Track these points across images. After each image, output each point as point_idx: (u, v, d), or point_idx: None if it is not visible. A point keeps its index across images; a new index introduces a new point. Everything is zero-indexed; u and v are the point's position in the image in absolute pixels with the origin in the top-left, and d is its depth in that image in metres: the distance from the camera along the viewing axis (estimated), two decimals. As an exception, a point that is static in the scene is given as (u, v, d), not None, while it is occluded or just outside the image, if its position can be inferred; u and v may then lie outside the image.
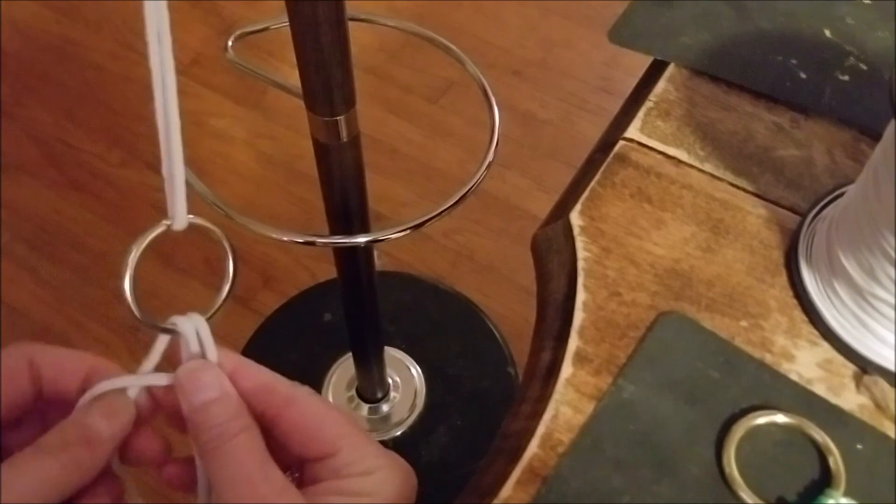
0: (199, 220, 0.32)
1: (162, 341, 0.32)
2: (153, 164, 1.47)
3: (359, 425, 0.32)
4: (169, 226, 0.31)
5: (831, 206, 0.47)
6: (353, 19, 0.62)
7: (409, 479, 0.31)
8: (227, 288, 0.33)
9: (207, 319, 0.32)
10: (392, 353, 1.26)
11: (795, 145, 0.51)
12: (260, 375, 0.32)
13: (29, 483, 0.28)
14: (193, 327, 0.31)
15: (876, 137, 0.50)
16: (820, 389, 0.41)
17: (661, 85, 0.54)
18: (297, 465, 0.33)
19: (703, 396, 0.41)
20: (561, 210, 0.50)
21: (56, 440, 0.30)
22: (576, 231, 0.47)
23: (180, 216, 0.31)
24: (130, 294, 0.31)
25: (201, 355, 0.31)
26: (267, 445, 0.32)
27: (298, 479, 0.32)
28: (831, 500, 0.37)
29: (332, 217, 0.80)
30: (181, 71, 1.64)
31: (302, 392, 0.32)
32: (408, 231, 0.75)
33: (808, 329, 0.43)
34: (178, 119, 0.29)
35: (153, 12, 0.27)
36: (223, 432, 0.30)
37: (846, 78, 0.53)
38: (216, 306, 0.33)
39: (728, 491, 0.38)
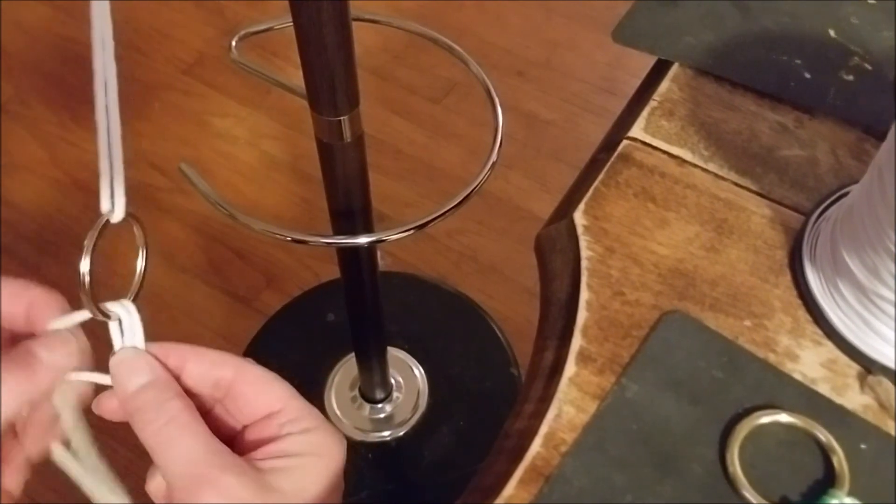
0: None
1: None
2: (156, 164, 1.47)
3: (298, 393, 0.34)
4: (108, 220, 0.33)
5: (835, 205, 0.47)
6: (357, 19, 0.63)
7: (343, 442, 0.33)
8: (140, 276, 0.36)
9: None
10: (395, 354, 1.26)
11: (800, 145, 0.51)
12: (210, 355, 0.33)
13: None
14: (127, 315, 0.34)
15: (880, 137, 0.50)
16: (824, 389, 0.41)
17: (665, 84, 0.54)
18: (229, 435, 0.34)
19: (707, 396, 0.41)
20: (565, 209, 0.50)
21: None
22: (579, 230, 0.47)
23: (119, 209, 0.32)
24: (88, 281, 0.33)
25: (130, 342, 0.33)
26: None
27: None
28: (835, 500, 0.37)
29: (335, 217, 0.80)
30: (185, 71, 1.65)
31: (248, 361, 0.34)
32: (411, 231, 0.75)
33: (811, 329, 0.43)
34: (118, 118, 0.30)
35: (98, 11, 0.28)
36: (166, 411, 0.31)
37: (851, 78, 0.53)
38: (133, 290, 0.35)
39: (731, 490, 0.38)
